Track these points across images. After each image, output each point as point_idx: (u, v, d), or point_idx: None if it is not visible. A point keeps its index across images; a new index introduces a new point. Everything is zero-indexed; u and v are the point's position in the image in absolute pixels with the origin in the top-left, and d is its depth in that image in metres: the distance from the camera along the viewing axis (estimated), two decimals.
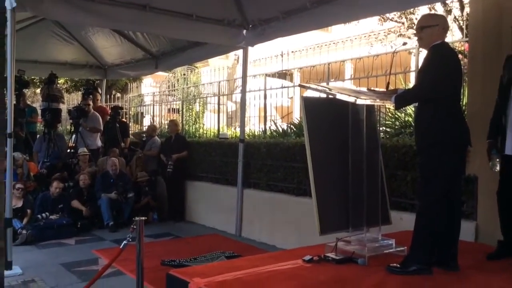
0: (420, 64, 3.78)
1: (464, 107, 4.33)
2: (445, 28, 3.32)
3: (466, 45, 5.20)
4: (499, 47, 3.99)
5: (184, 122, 10.46)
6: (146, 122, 12.11)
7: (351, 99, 3.37)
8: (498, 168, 3.38)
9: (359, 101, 3.34)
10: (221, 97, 9.65)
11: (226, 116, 10.75)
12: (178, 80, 12.76)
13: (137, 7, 5.53)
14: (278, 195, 6.20)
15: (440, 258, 3.22)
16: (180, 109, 10.84)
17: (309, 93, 6.24)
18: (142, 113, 12.61)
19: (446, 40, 3.40)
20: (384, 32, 9.74)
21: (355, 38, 11.75)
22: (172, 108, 11.75)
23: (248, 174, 6.73)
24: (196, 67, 14.24)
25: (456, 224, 3.28)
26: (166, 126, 9.57)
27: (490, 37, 4.13)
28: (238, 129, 8.14)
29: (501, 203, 3.50)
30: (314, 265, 3.38)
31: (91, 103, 8.64)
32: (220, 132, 8.94)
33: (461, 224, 3.33)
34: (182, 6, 5.82)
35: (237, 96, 9.69)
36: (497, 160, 3.38)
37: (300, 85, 5.27)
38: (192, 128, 10.55)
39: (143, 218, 3.36)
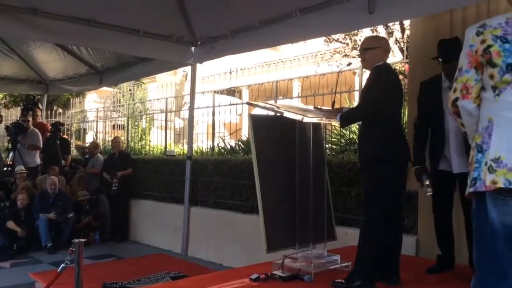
0: (363, 84, 3.90)
1: (404, 126, 4.49)
2: (387, 49, 3.45)
3: (407, 66, 5.43)
4: (437, 68, 4.18)
5: (129, 138, 10.22)
6: (89, 138, 11.74)
7: (298, 117, 3.41)
8: (430, 191, 3.44)
9: (306, 119, 3.38)
10: (168, 113, 9.53)
11: (174, 133, 10.62)
12: (123, 96, 12.51)
13: (81, 22, 5.39)
14: (226, 212, 6.15)
15: (383, 272, 3.28)
16: (126, 125, 10.60)
17: (257, 111, 6.29)
18: (84, 130, 12.22)
19: (388, 61, 3.53)
20: (330, 52, 10.04)
21: (303, 58, 12.02)
22: (117, 125, 11.47)
23: (195, 192, 6.64)
24: (143, 82, 14.04)
25: (398, 239, 3.36)
26: (110, 143, 9.32)
27: (429, 60, 4.33)
28: (185, 146, 8.04)
29: (436, 219, 3.63)
30: (260, 284, 3.35)
31: (30, 119, 8.26)
32: (167, 149, 8.80)
33: (403, 238, 3.42)
34: (129, 21, 5.73)
35: (185, 113, 9.61)
36: (428, 183, 3.45)
37: (248, 103, 5.30)
38: (138, 145, 10.33)
39: (83, 240, 3.22)
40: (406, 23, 7.35)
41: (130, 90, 12.65)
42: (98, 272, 5.35)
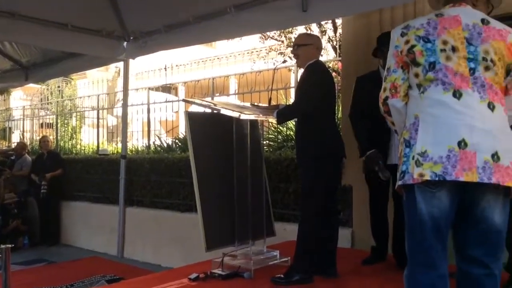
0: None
1: (338, 122, 4.61)
2: (319, 47, 3.51)
3: (340, 63, 5.57)
4: (369, 66, 4.33)
5: (59, 137, 9.76)
6: (15, 138, 11.08)
7: (235, 114, 3.40)
8: (389, 175, 3.30)
9: (243, 116, 3.38)
10: (101, 111, 9.19)
11: (107, 131, 10.26)
12: (52, 93, 11.91)
13: (4, 15, 5.05)
14: (163, 212, 6.03)
15: (320, 266, 3.35)
16: (55, 124, 10.10)
17: (193, 108, 6.21)
18: (10, 129, 11.51)
19: (321, 59, 3.60)
20: (266, 50, 10.11)
21: (239, 54, 12.05)
22: (46, 123, 10.90)
23: (131, 192, 6.46)
24: (72, 79, 13.44)
25: (334, 233, 3.45)
26: (38, 143, 8.85)
27: (361, 57, 4.47)
28: (119, 145, 7.80)
29: (372, 211, 3.74)
30: (200, 283, 3.31)
31: None
32: (99, 148, 8.48)
33: (339, 231, 3.51)
34: (56, 15, 5.45)
35: (118, 110, 9.31)
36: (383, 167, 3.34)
37: (184, 100, 5.21)
38: (68, 144, 9.89)
39: (10, 245, 3.01)
40: (339, 22, 7.55)
41: (58, 87, 12.05)
42: (28, 278, 5.07)
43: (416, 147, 1.84)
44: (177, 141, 7.46)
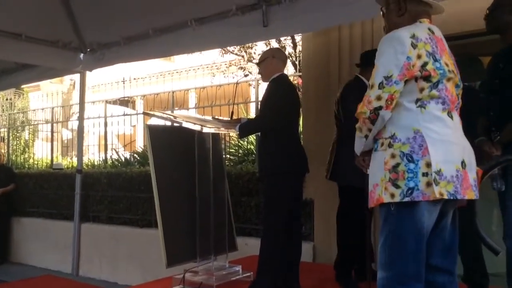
0: (260, 95, 3.97)
1: (300, 136, 4.66)
2: (280, 57, 3.51)
3: (299, 79, 5.65)
4: (328, 82, 4.41)
5: (10, 151, 9.36)
6: None
7: (197, 127, 3.37)
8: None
9: (205, 129, 3.35)
10: (55, 124, 8.90)
11: (61, 145, 9.93)
12: (2, 106, 11.45)
13: None
14: (121, 227, 5.87)
15: (284, 280, 3.33)
16: (6, 137, 9.70)
17: (153, 121, 6.12)
18: None
19: None
20: (226, 64, 10.13)
21: (198, 68, 12.00)
22: None
23: (87, 207, 6.26)
24: (24, 91, 12.99)
25: (297, 247, 3.43)
26: None
27: (320, 73, 4.56)
28: (75, 159, 7.56)
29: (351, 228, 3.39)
30: None
31: None
32: (54, 162, 8.20)
33: (301, 245, 3.51)
34: (10, 24, 5.26)
35: (73, 124, 9.04)
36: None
37: (144, 113, 5.13)
38: (21, 158, 9.50)
39: None
40: (298, 38, 7.67)
41: (9, 99, 11.61)
42: None
43: (431, 165, 1.83)
44: (135, 155, 7.31)
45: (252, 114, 6.70)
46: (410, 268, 1.89)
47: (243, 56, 8.92)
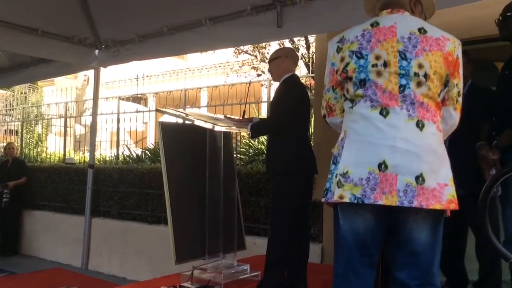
0: (271, 96, 3.97)
1: (311, 137, 4.66)
2: (292, 58, 3.51)
3: (312, 80, 5.65)
4: None
5: (24, 145, 9.48)
6: None
7: (209, 126, 3.38)
8: None
9: (217, 128, 3.36)
10: (68, 119, 8.99)
11: (74, 140, 10.03)
12: (17, 99, 11.59)
13: None
14: (131, 223, 5.92)
15: (291, 281, 3.34)
16: (20, 130, 9.82)
17: (165, 119, 6.15)
18: None
19: None
20: (239, 64, 10.16)
21: (211, 68, 12.05)
22: (10, 130, 10.58)
23: (98, 202, 6.31)
24: (38, 85, 13.13)
25: (305, 248, 3.44)
26: (2, 150, 8.57)
27: None
28: (86, 154, 7.63)
29: None
30: None
31: None
32: (66, 157, 8.28)
33: (309, 247, 3.52)
34: (26, 19, 5.32)
35: (86, 119, 9.13)
36: None
37: (157, 110, 5.16)
38: (33, 152, 9.61)
39: None
40: (311, 39, 7.67)
41: (23, 93, 11.75)
42: None
43: (339, 166, 1.80)
44: (146, 151, 7.36)
45: (264, 114, 6.70)
46: (338, 267, 1.90)
47: (256, 56, 8.94)
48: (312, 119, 4.92)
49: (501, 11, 2.75)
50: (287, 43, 8.38)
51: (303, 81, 6.53)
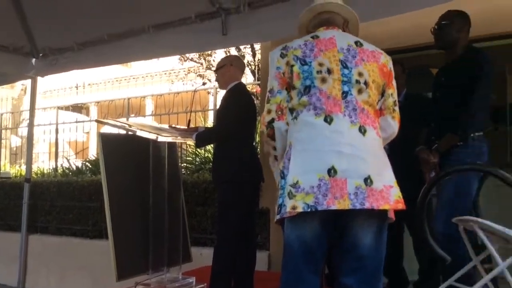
0: (218, 104, 3.94)
1: (257, 145, 4.65)
2: (238, 65, 3.52)
3: (258, 88, 5.66)
4: None
5: None
6: None
7: (152, 136, 3.29)
8: None
9: (160, 139, 3.28)
10: (3, 131, 8.52)
11: (10, 153, 9.51)
12: None
13: None
14: (70, 239, 5.66)
15: None
16: None
17: (107, 129, 5.95)
18: None
19: None
20: (184, 71, 10.04)
21: (156, 75, 11.84)
22: None
23: (35, 218, 5.98)
24: None
25: (251, 256, 3.41)
26: None
27: None
28: (23, 167, 7.24)
29: None
30: None
31: None
32: (1, 171, 7.83)
33: (256, 254, 3.48)
34: None
35: (23, 130, 8.69)
36: None
37: (97, 121, 4.97)
38: None
39: None
40: (257, 47, 7.70)
41: None
42: None
43: (288, 178, 1.77)
44: (87, 163, 7.09)
45: (211, 123, 6.65)
46: (284, 275, 1.88)
47: (202, 64, 8.87)
48: (259, 127, 4.91)
49: (437, 20, 2.85)
50: (233, 51, 8.38)
51: (249, 88, 6.54)
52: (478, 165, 2.59)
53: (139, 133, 3.32)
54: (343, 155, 1.75)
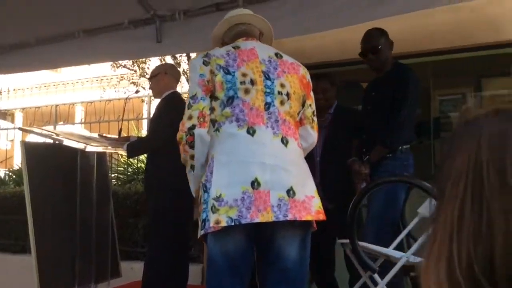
0: (151, 112, 3.86)
1: None
2: (173, 74, 3.49)
3: None
4: None
5: None
6: None
7: (80, 146, 3.18)
8: None
9: (89, 148, 3.17)
10: None
11: None
12: None
13: None
14: None
15: None
16: None
17: (32, 137, 5.65)
18: None
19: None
20: (117, 78, 9.77)
21: (87, 81, 11.44)
22: None
23: None
24: None
25: (184, 269, 3.34)
26: None
27: None
28: None
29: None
30: None
31: None
32: None
33: (189, 267, 3.42)
34: None
35: None
36: None
37: (21, 128, 4.71)
38: None
39: None
40: (193, 55, 7.65)
41: None
42: None
43: (211, 192, 1.73)
44: (10, 173, 6.69)
45: (145, 131, 6.50)
46: None
47: (135, 71, 8.67)
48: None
49: (366, 43, 2.91)
50: (168, 59, 8.27)
51: (185, 97, 6.48)
52: (405, 176, 2.71)
53: (66, 142, 3.19)
54: (266, 167, 1.75)
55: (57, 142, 3.34)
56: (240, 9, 2.20)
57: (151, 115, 4.38)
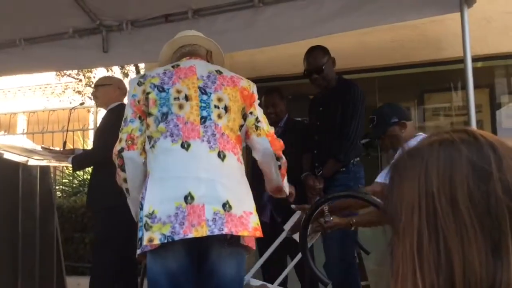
0: (98, 122, 3.78)
1: None
2: (121, 88, 3.43)
3: None
4: None
5: None
6: None
7: (22, 159, 3.06)
8: None
9: (31, 162, 3.07)
10: None
11: None
12: None
13: None
14: None
15: None
16: None
17: None
18: None
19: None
20: (62, 87, 9.46)
21: (29, 89, 10.98)
22: None
23: None
24: None
25: (131, 284, 3.26)
26: None
27: None
28: None
29: None
30: None
31: None
32: None
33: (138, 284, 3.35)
34: None
35: None
36: None
37: None
38: None
39: None
40: (141, 65, 7.54)
41: None
42: None
43: (144, 208, 1.71)
44: None
45: (91, 142, 6.33)
46: None
47: (81, 80, 8.43)
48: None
49: (309, 65, 2.92)
50: (116, 68, 8.11)
51: None
52: (355, 191, 2.76)
53: (7, 155, 3.06)
54: (201, 181, 1.73)
55: None
56: (185, 30, 2.18)
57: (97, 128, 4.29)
